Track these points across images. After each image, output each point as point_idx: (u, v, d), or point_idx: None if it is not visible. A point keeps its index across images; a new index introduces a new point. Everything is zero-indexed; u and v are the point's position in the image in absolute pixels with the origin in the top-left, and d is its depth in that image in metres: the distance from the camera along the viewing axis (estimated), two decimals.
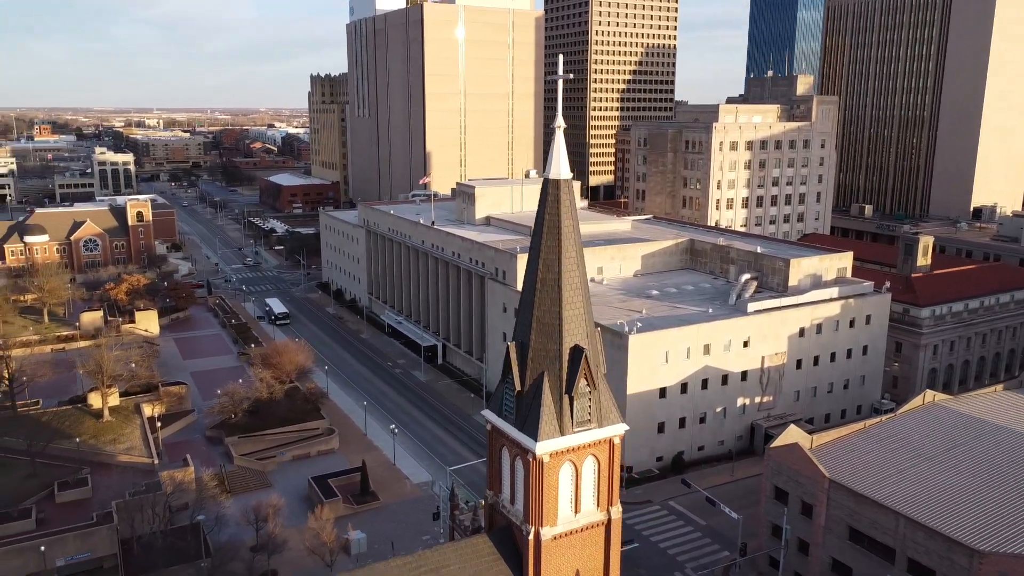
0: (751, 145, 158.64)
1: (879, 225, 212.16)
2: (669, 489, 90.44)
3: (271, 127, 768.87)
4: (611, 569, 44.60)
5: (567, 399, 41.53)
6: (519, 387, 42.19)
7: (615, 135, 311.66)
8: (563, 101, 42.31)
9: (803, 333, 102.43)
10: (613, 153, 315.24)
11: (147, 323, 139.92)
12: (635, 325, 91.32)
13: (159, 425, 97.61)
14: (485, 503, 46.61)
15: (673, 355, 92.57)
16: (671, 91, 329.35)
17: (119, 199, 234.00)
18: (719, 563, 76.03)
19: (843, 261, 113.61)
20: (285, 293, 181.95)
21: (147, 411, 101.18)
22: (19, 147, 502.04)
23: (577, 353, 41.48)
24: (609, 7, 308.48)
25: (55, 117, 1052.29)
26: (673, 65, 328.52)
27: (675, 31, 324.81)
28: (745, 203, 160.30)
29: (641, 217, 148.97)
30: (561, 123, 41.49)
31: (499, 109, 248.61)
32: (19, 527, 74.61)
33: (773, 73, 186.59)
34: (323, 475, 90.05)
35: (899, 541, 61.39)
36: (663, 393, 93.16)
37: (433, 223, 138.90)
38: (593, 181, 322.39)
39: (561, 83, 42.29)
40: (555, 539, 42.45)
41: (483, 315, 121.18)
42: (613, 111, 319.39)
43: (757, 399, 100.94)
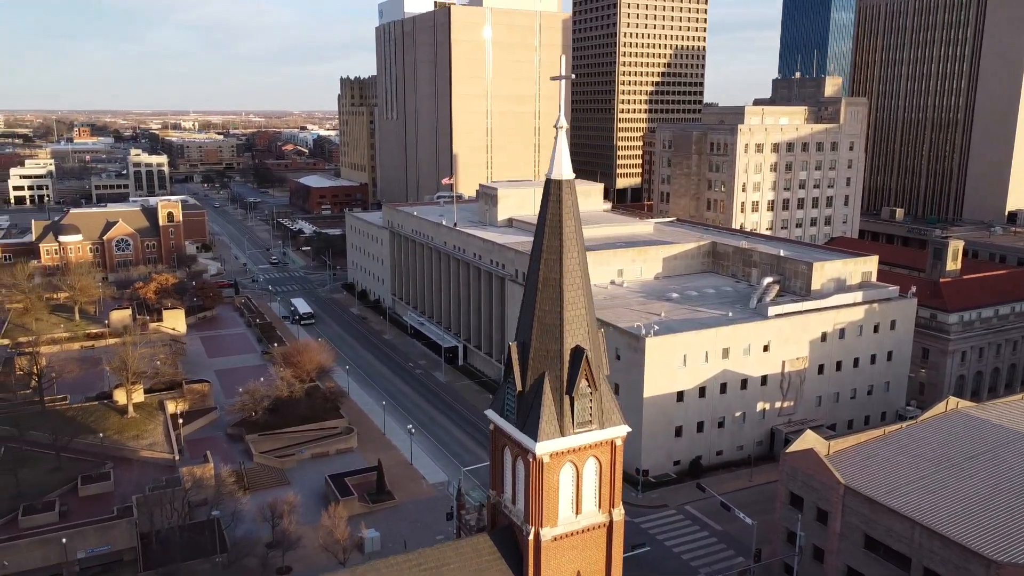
0: (777, 147, 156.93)
1: (910, 229, 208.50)
2: (686, 493, 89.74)
3: (303, 129, 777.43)
4: (613, 571, 44.45)
5: (568, 400, 41.50)
6: (520, 387, 42.27)
7: (642, 137, 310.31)
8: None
9: (825, 338, 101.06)
10: (640, 155, 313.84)
11: (174, 322, 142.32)
12: (652, 328, 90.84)
13: (181, 422, 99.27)
14: (488, 503, 46.75)
15: (691, 359, 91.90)
16: (700, 93, 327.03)
17: (151, 200, 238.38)
18: (733, 569, 75.28)
19: (868, 265, 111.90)
20: (311, 293, 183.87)
21: (170, 408, 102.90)
22: (59, 149, 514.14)
23: (578, 354, 41.47)
24: (637, 9, 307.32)
25: (94, 119, 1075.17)
26: (702, 67, 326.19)
27: (704, 33, 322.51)
28: (771, 206, 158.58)
29: (664, 219, 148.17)
30: (563, 123, 41.55)
31: (525, 111, 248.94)
32: (43, 519, 76.36)
33: (801, 75, 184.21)
34: (340, 473, 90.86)
35: (915, 550, 60.31)
36: (680, 397, 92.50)
37: (455, 224, 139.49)
38: (620, 184, 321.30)
39: (563, 84, 42.29)
40: (555, 540, 42.41)
41: (503, 317, 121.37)
42: (641, 113, 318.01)
43: (777, 404, 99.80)
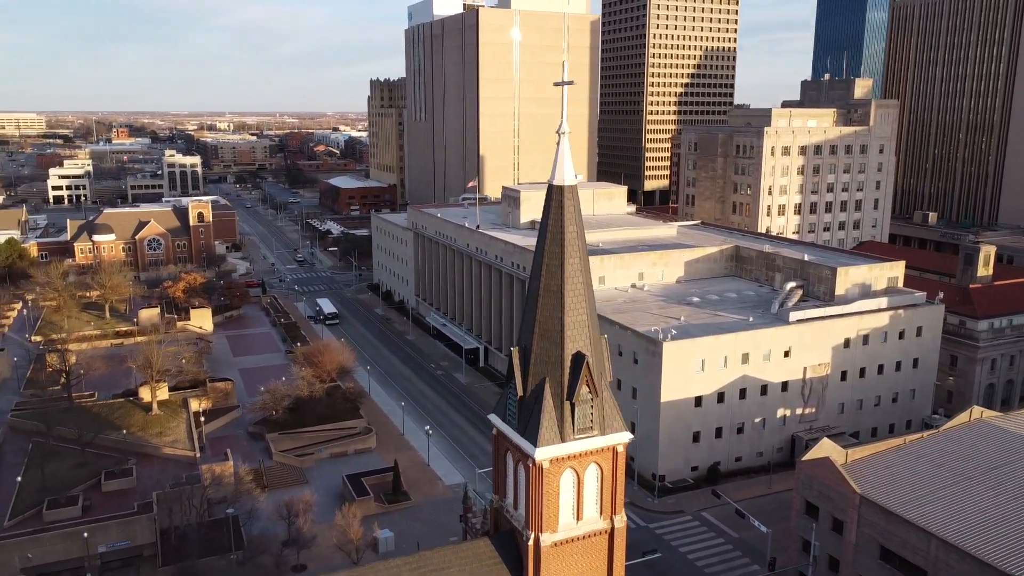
0: (804, 150, 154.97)
1: (943, 233, 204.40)
2: (703, 500, 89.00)
3: (335, 130, 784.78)
4: None
5: (568, 405, 41.42)
6: (521, 392, 42.28)
7: (671, 139, 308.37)
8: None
9: (848, 344, 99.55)
10: (669, 158, 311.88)
11: (201, 320, 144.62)
12: (670, 332, 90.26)
13: (203, 420, 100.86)
14: (491, 507, 46.86)
15: (709, 363, 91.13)
16: (730, 95, 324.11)
17: (184, 200, 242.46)
18: None
19: (894, 270, 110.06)
20: (337, 294, 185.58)
21: (194, 406, 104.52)
22: (97, 149, 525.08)
23: (579, 360, 41.36)
24: (667, 10, 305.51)
25: (133, 120, 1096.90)
26: (732, 68, 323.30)
27: (735, 34, 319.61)
28: (798, 209, 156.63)
29: (688, 223, 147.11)
30: (566, 129, 41.52)
31: (553, 113, 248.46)
32: (66, 513, 78.09)
33: (831, 76, 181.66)
34: (357, 473, 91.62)
35: (931, 562, 59.21)
36: (699, 402, 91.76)
37: (478, 226, 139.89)
38: (649, 186, 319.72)
39: (567, 90, 42.24)
40: (555, 546, 42.35)
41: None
42: (670, 115, 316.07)
43: (798, 411, 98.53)
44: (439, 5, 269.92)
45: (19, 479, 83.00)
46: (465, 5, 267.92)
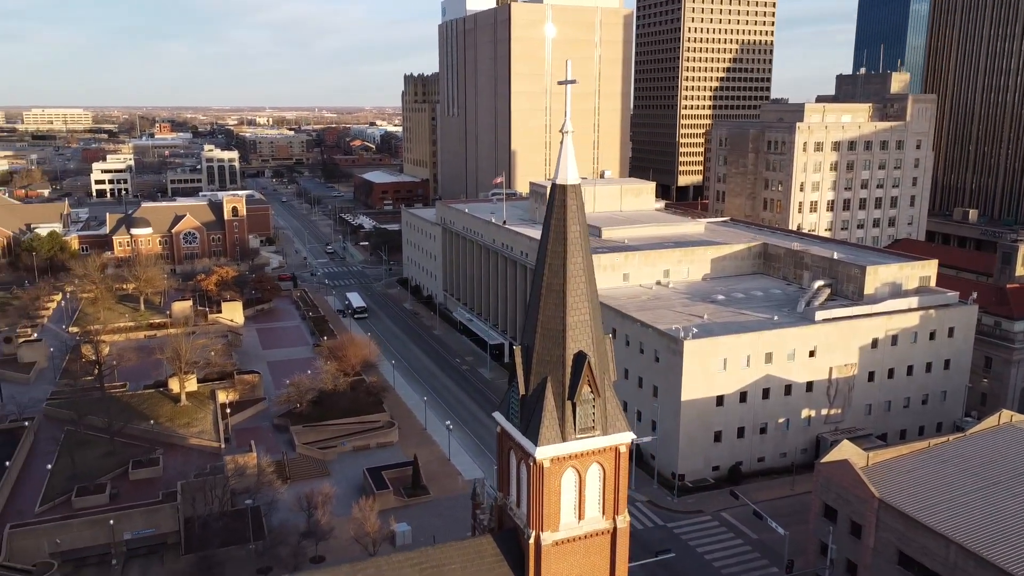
0: (838, 146, 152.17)
1: (984, 231, 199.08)
2: (723, 500, 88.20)
3: (372, 125, 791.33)
4: None
5: (570, 405, 41.37)
6: (523, 391, 42.33)
7: (705, 135, 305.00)
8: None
9: (876, 344, 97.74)
10: (703, 153, 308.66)
11: (232, 313, 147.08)
12: (691, 331, 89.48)
13: (228, 411, 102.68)
14: (495, 505, 47.02)
15: (731, 362, 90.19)
16: (767, 89, 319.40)
17: (220, 194, 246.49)
18: None
19: (926, 269, 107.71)
20: (367, 288, 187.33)
21: (221, 397, 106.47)
22: (140, 144, 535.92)
23: (580, 359, 41.27)
24: (703, 3, 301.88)
25: (176, 116, 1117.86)
26: (769, 62, 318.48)
27: (772, 27, 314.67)
28: (830, 206, 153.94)
29: (717, 219, 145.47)
30: (569, 128, 41.36)
31: (585, 108, 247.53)
32: (94, 501, 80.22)
33: (866, 70, 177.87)
34: (378, 467, 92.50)
35: (949, 569, 57.99)
36: (720, 401, 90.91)
37: (504, 222, 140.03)
38: (682, 181, 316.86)
39: (570, 89, 42.06)
40: (556, 544, 42.35)
41: None
42: (705, 110, 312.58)
43: (824, 411, 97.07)
44: (472, 0, 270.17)
45: (49, 467, 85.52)
46: (498, 0, 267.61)
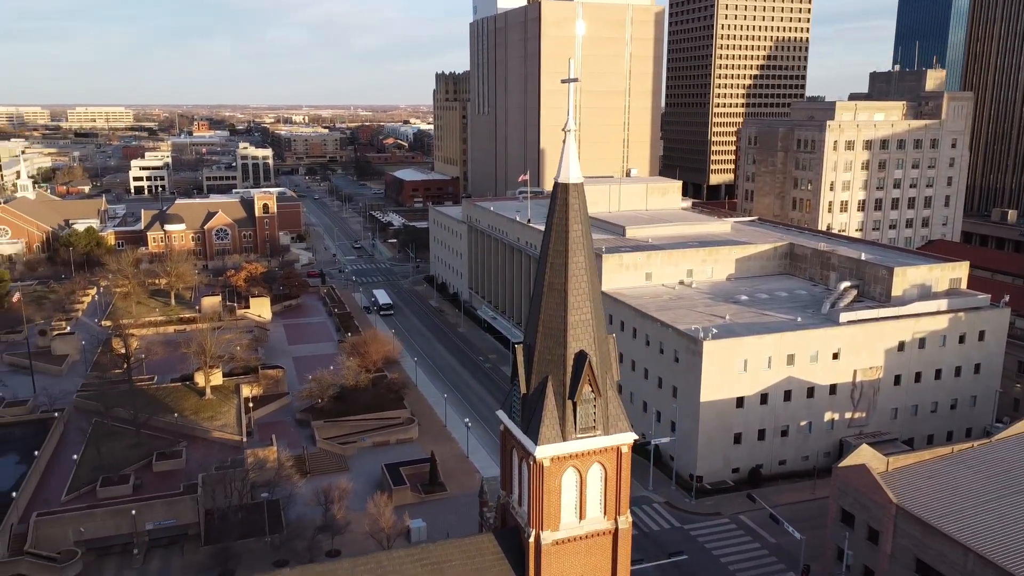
0: (870, 144, 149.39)
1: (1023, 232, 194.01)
2: (742, 503, 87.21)
3: (406, 123, 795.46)
4: None
5: (570, 404, 41.26)
6: (524, 390, 42.33)
7: (738, 133, 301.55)
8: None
9: (903, 347, 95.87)
10: (735, 151, 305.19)
11: (260, 309, 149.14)
12: (711, 331, 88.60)
13: (251, 405, 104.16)
14: (499, 503, 47.09)
15: (752, 364, 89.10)
16: (801, 87, 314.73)
17: (252, 192, 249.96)
18: None
19: (957, 271, 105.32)
20: (394, 285, 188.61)
21: (245, 392, 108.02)
22: (178, 142, 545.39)
23: (581, 359, 41.12)
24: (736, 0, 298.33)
25: (214, 114, 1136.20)
26: (804, 59, 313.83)
27: (808, 23, 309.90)
28: (861, 206, 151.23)
29: (744, 219, 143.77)
30: (572, 127, 41.20)
31: (615, 106, 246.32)
32: (118, 491, 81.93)
33: (901, 67, 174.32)
34: (396, 463, 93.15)
35: None
36: (740, 403, 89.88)
37: (529, 220, 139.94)
38: (714, 180, 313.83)
39: (573, 87, 41.85)
40: (556, 544, 42.27)
41: None
42: (738, 108, 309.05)
43: (847, 415, 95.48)
44: None
45: (75, 457, 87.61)
46: None
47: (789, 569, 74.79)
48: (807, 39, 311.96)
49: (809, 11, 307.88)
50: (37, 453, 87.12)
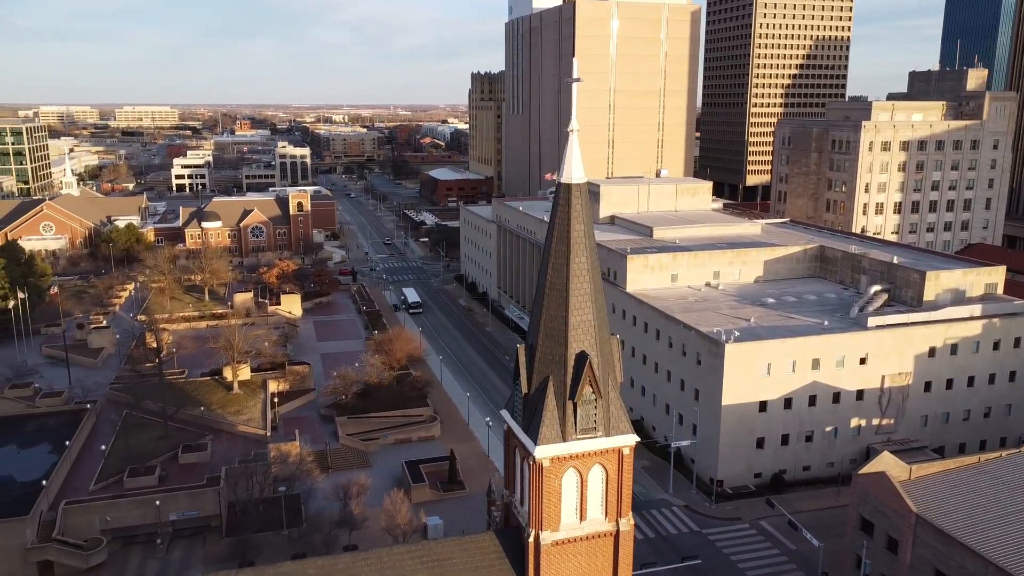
0: (907, 145, 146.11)
1: None
2: (763, 508, 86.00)
3: (444, 123, 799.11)
4: None
5: (571, 405, 41.17)
6: (526, 390, 42.36)
7: (774, 133, 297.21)
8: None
9: (934, 353, 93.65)
10: (772, 152, 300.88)
11: (291, 305, 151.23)
12: (733, 334, 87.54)
13: (276, 400, 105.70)
14: (502, 502, 47.18)
15: (776, 367, 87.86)
16: (842, 86, 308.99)
17: (288, 190, 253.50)
18: None
19: (993, 276, 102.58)
20: (424, 284, 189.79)
21: (272, 387, 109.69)
22: (220, 140, 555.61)
23: (582, 359, 41.01)
24: None
25: (257, 113, 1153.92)
26: (845, 58, 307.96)
27: (849, 22, 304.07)
28: (897, 208, 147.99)
29: (775, 220, 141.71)
30: (575, 126, 41.10)
31: (649, 106, 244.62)
32: (143, 482, 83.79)
33: (942, 66, 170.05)
34: (416, 460, 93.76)
35: None
36: (763, 407, 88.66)
37: None
38: (751, 180, 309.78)
39: (576, 87, 41.70)
40: (555, 544, 42.23)
41: None
42: (776, 108, 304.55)
43: (875, 421, 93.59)
44: None
45: (103, 447, 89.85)
46: None
47: None
48: (848, 38, 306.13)
49: (851, 9, 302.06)
50: (68, 443, 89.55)
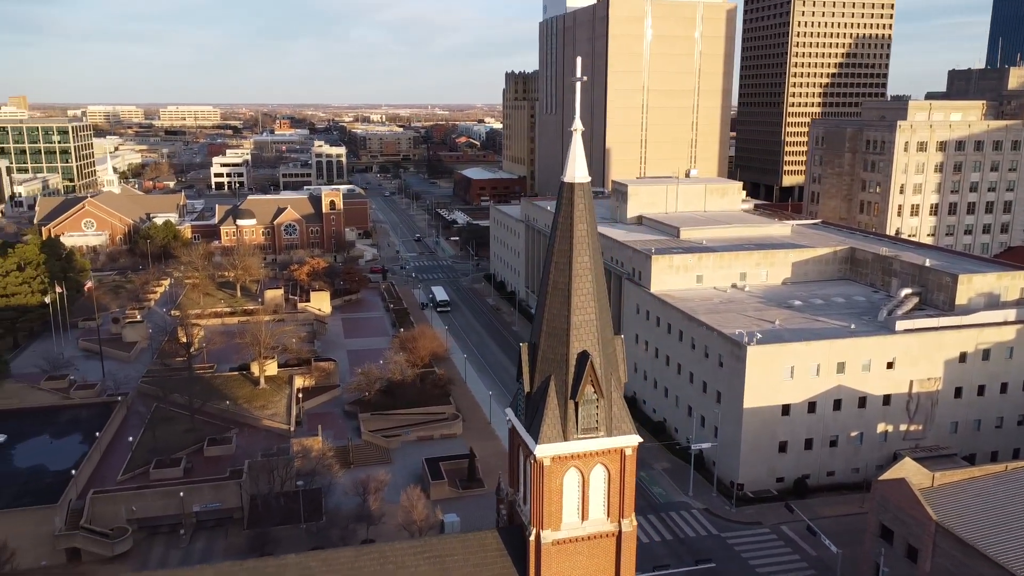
0: (944, 146, 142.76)
1: None
2: (785, 513, 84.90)
3: (480, 122, 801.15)
4: None
5: (572, 404, 41.12)
6: (528, 388, 42.40)
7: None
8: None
9: (965, 358, 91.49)
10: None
11: (320, 303, 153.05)
12: (755, 336, 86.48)
13: (300, 396, 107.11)
14: (506, 500, 47.29)
15: (799, 371, 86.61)
16: (882, 85, 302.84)
17: (322, 188, 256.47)
18: None
19: None
20: (454, 282, 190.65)
21: (297, 383, 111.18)
22: (260, 140, 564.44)
23: (583, 359, 40.92)
24: None
25: (297, 113, 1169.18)
26: (886, 57, 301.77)
27: (891, 20, 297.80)
28: (934, 210, 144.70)
29: (807, 221, 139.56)
30: (579, 126, 40.99)
31: (683, 105, 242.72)
32: (169, 473, 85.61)
33: (990, 65, 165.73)
34: (437, 457, 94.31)
35: None
36: (786, 410, 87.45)
37: None
38: (788, 181, 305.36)
39: (579, 86, 41.60)
40: (556, 544, 42.19)
41: (619, 315, 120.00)
42: (814, 107, 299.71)
43: (903, 427, 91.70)
44: None
45: (131, 439, 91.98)
46: None
47: None
48: (889, 36, 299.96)
49: (892, 6, 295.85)
50: (98, 434, 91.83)
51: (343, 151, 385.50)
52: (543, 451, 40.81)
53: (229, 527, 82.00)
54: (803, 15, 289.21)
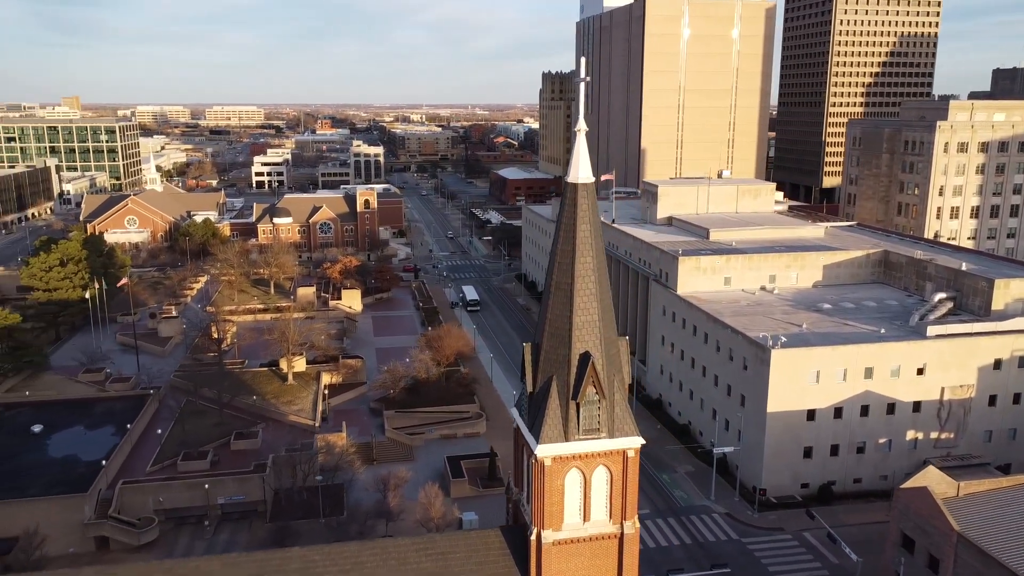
0: (986, 147, 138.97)
1: None
2: (809, 520, 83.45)
3: (519, 122, 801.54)
4: None
5: (574, 405, 41.09)
6: (530, 388, 42.50)
7: None
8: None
9: (999, 365, 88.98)
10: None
11: (351, 300, 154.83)
12: (780, 339, 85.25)
13: (326, 392, 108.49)
14: (510, 499, 47.46)
15: (825, 375, 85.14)
16: (928, 85, 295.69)
17: (358, 187, 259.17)
18: None
19: None
20: (485, 282, 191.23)
21: (325, 379, 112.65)
22: (301, 139, 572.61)
23: (585, 360, 40.86)
24: None
25: (338, 113, 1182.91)
26: (932, 56, 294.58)
27: (937, 18, 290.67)
28: (975, 213, 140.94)
29: (841, 223, 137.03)
30: (583, 127, 40.97)
31: (720, 106, 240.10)
32: (195, 466, 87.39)
33: None
34: (458, 456, 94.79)
35: None
36: (811, 415, 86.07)
37: (613, 221, 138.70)
38: (828, 183, 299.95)
39: (583, 86, 41.56)
40: (557, 544, 42.21)
41: (646, 316, 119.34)
42: (856, 107, 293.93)
43: (933, 434, 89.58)
44: None
45: (160, 431, 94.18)
46: None
47: None
48: (935, 34, 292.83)
49: (939, 3, 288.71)
50: (130, 426, 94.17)
51: (381, 151, 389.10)
52: (544, 451, 40.87)
53: (253, 520, 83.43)
54: (846, 13, 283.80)
